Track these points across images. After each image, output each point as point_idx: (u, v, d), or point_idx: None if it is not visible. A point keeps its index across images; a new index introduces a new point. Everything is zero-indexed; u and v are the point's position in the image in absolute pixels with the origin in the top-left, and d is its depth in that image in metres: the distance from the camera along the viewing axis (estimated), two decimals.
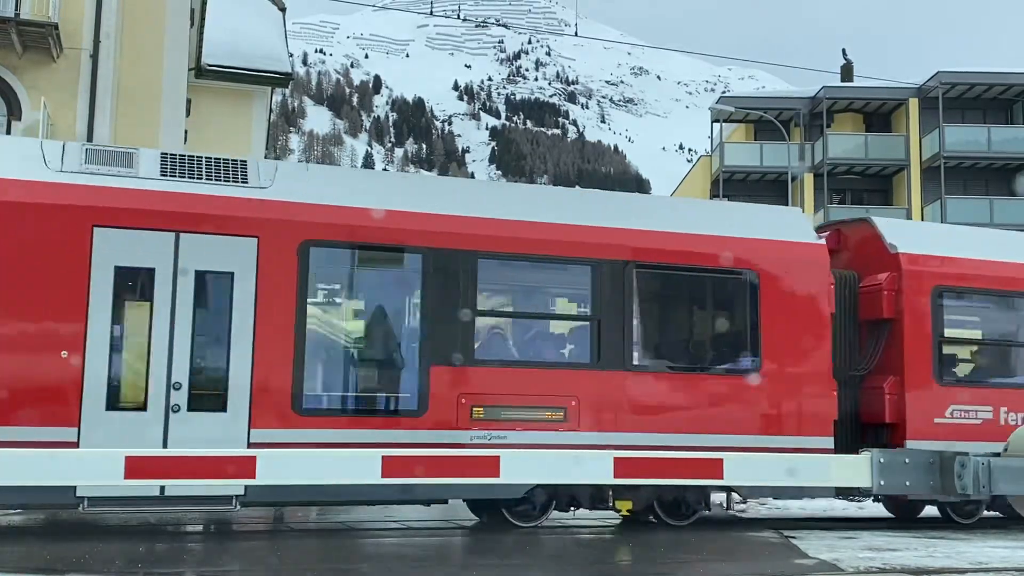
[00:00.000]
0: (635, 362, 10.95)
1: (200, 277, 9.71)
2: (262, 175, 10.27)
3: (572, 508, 11.05)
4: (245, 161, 10.49)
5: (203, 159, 10.31)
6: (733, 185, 45.67)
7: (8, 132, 18.06)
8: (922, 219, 42.58)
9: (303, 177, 10.73)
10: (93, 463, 9.02)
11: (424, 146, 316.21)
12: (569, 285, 11.53)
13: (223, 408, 9.56)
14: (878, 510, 13.46)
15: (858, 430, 11.98)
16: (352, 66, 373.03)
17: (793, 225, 12.06)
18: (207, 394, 9.59)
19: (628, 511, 11.07)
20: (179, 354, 9.50)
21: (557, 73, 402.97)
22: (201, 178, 10.03)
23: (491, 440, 10.20)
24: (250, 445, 9.52)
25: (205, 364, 9.70)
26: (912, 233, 12.91)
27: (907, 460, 11.18)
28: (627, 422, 10.69)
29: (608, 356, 10.79)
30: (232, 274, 9.76)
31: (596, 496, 10.80)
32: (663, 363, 11.26)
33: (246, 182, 10.13)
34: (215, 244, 9.72)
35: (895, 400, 11.73)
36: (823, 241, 12.12)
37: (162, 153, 10.40)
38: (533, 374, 10.69)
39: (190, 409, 9.47)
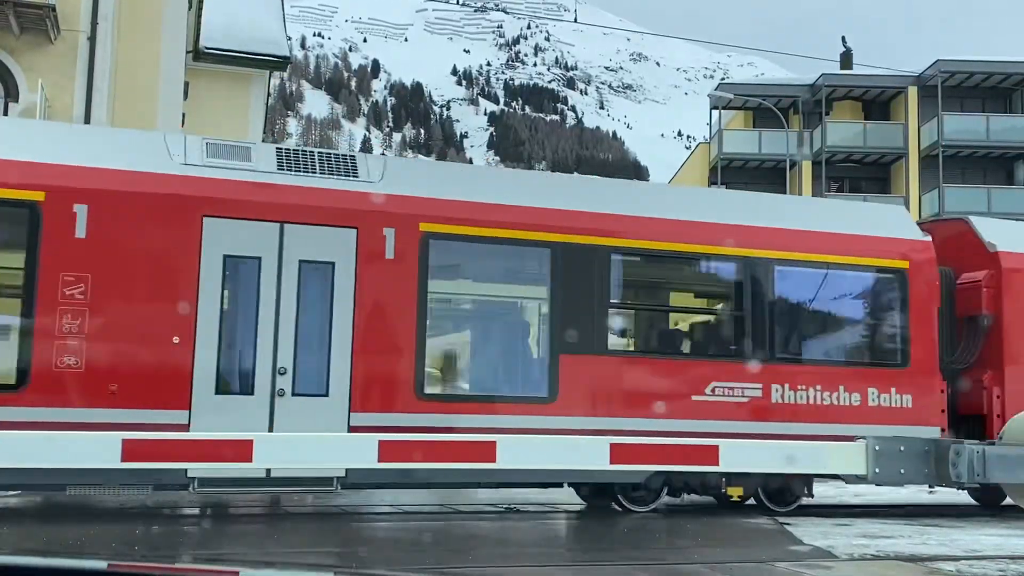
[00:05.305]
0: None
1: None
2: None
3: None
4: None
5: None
6: (731, 172, 45.60)
7: (5, 114, 17.99)
8: (919, 208, 42.60)
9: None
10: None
11: (422, 131, 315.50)
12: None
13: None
14: (872, 497, 13.51)
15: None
16: (350, 50, 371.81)
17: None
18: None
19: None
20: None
21: (556, 59, 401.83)
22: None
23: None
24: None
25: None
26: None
27: (902, 448, 11.24)
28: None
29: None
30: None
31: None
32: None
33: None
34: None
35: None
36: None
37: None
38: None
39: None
